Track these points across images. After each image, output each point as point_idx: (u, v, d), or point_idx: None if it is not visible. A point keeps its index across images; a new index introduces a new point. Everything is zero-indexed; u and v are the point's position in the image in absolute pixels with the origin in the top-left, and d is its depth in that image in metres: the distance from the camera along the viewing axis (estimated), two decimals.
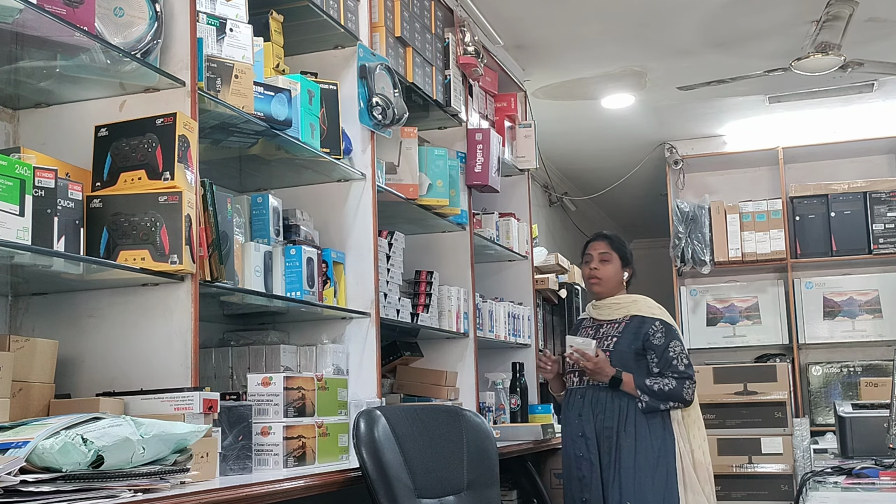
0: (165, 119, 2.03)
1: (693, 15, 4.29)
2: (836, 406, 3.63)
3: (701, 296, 6.42)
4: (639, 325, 3.28)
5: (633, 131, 6.12)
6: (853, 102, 5.68)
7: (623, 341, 3.27)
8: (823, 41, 4.25)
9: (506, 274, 4.54)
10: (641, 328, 3.27)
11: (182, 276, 2.05)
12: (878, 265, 6.12)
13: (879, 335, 6.02)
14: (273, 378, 2.30)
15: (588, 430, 3.23)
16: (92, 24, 1.90)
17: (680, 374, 3.22)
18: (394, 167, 3.27)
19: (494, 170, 3.89)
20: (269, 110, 2.42)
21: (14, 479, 1.43)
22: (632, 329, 3.28)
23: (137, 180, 2.02)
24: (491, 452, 2.70)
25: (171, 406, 1.92)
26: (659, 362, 3.24)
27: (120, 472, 1.58)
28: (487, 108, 4.19)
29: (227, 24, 2.30)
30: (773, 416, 5.27)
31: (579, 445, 3.24)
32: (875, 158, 6.39)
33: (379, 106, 2.94)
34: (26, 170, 1.73)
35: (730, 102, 5.68)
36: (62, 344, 2.03)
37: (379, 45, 3.11)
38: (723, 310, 6.38)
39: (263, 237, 2.50)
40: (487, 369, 4.19)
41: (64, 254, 1.85)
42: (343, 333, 2.88)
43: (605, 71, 5.00)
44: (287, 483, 2.06)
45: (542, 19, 4.25)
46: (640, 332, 3.27)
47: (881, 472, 2.83)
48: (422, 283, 3.42)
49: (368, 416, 2.41)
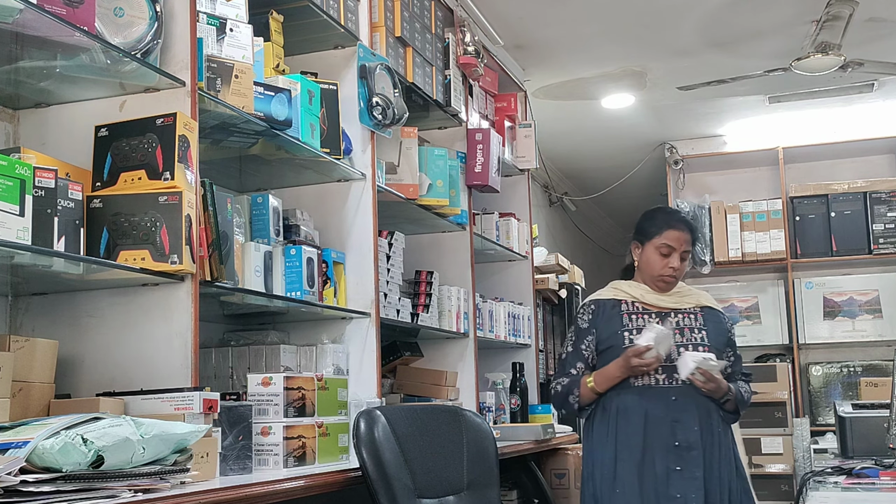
0: (165, 119, 2.03)
1: (693, 15, 4.29)
2: (836, 406, 3.63)
3: None
4: (716, 319, 2.93)
5: (633, 131, 6.12)
6: (853, 102, 5.68)
7: (711, 336, 2.87)
8: (823, 41, 4.25)
9: (506, 274, 4.54)
10: (720, 322, 2.94)
11: (182, 276, 2.04)
12: (878, 265, 6.12)
13: (879, 335, 6.02)
14: (273, 378, 2.30)
15: (690, 439, 2.73)
16: (92, 24, 1.90)
17: (747, 377, 2.95)
18: (394, 167, 3.27)
19: (494, 170, 3.89)
20: (269, 110, 2.42)
21: (14, 479, 1.43)
22: (711, 322, 2.91)
23: (137, 180, 2.02)
24: (491, 452, 2.70)
25: (171, 406, 1.92)
26: (734, 362, 2.94)
27: (120, 472, 1.58)
28: (487, 108, 4.19)
29: (227, 24, 2.30)
30: (773, 416, 5.27)
31: (673, 458, 2.72)
32: (875, 158, 6.39)
33: (379, 106, 2.94)
34: (26, 170, 1.73)
35: (730, 102, 5.68)
36: (62, 344, 2.03)
37: (379, 45, 3.11)
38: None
39: (263, 237, 2.50)
40: (487, 369, 4.19)
41: (64, 254, 1.85)
42: (343, 333, 2.88)
43: (605, 71, 5.00)
44: (287, 483, 2.06)
45: (542, 19, 4.25)
46: (720, 327, 2.92)
47: (881, 472, 2.84)
48: (422, 283, 3.42)
49: (368, 416, 2.41)
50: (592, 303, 2.96)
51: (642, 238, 2.94)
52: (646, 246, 2.92)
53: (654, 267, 2.89)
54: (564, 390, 2.92)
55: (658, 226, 2.91)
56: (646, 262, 2.92)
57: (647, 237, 2.92)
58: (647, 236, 2.92)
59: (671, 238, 2.88)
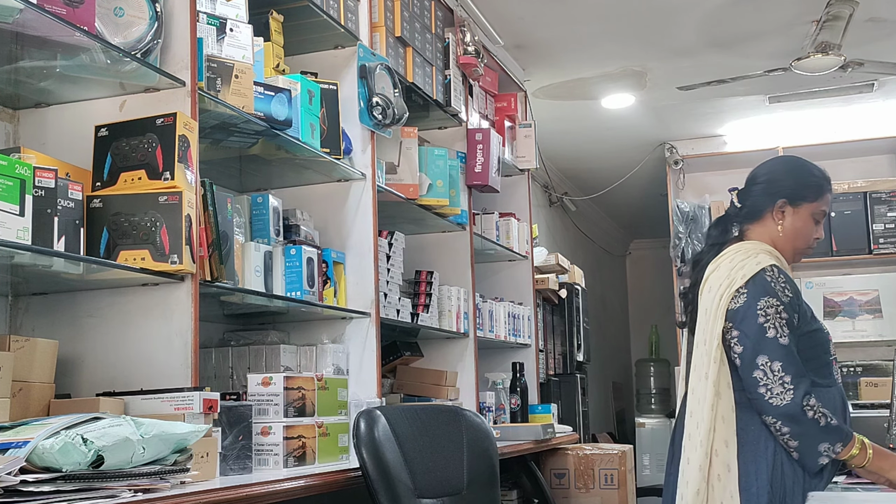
0: (165, 119, 2.03)
1: (693, 15, 4.29)
2: None
3: None
4: None
5: (633, 131, 6.11)
6: (853, 102, 5.68)
7: None
8: (823, 41, 4.25)
9: (506, 274, 4.54)
10: None
11: (182, 276, 2.05)
12: (879, 265, 6.11)
13: (879, 335, 6.01)
14: (273, 378, 2.30)
15: None
16: (92, 24, 1.90)
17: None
18: (394, 167, 3.27)
19: (494, 170, 3.89)
20: (269, 110, 2.42)
21: (14, 479, 1.43)
22: None
23: (137, 180, 2.02)
24: (491, 452, 2.70)
25: (171, 406, 1.92)
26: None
27: (120, 472, 1.58)
28: (487, 108, 4.19)
29: (227, 24, 2.30)
30: None
31: None
32: (875, 158, 6.38)
33: (379, 106, 2.94)
34: (26, 170, 1.73)
35: (730, 102, 5.68)
36: (62, 344, 2.02)
37: (379, 45, 3.11)
38: None
39: (263, 237, 2.50)
40: (487, 369, 4.19)
41: (64, 254, 1.85)
42: (343, 333, 2.88)
43: (605, 71, 5.00)
44: (287, 483, 2.06)
45: (542, 19, 4.25)
46: None
47: None
48: (422, 283, 3.42)
49: (368, 416, 2.41)
50: (781, 272, 2.24)
51: (799, 199, 2.34)
52: (800, 209, 2.33)
53: (808, 236, 2.34)
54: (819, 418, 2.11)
55: (819, 186, 2.37)
56: (798, 230, 2.33)
57: (804, 199, 2.34)
58: (804, 198, 2.34)
59: (828, 203, 2.37)
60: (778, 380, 2.09)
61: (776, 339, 2.11)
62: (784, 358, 2.10)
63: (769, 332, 2.12)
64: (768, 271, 2.19)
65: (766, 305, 2.14)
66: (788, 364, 2.10)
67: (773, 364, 2.10)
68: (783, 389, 2.09)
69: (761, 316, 2.13)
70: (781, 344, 2.11)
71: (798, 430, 2.09)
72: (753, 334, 2.13)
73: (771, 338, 2.11)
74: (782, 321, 2.14)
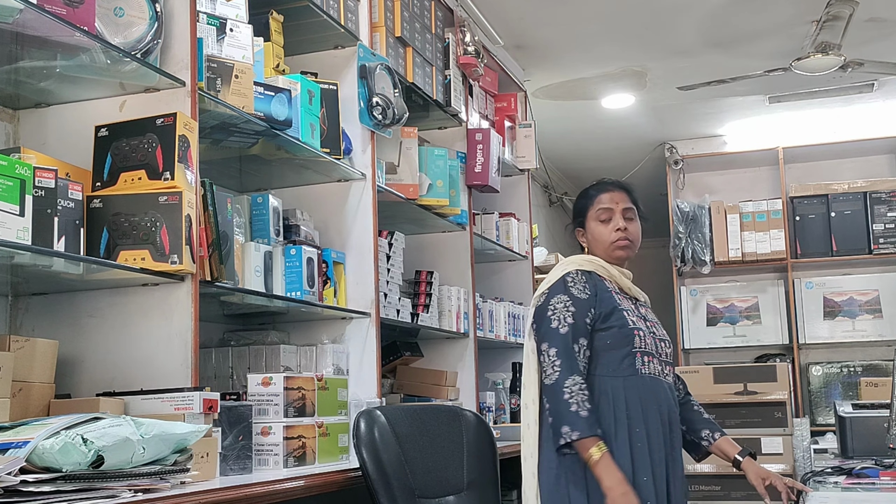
0: (165, 119, 2.03)
1: (693, 15, 4.29)
2: (836, 406, 3.63)
3: (701, 296, 6.42)
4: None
5: (633, 131, 6.12)
6: (853, 102, 5.68)
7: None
8: (823, 41, 4.25)
9: (506, 274, 4.54)
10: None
11: (182, 276, 2.05)
12: (878, 265, 6.12)
13: (879, 335, 6.02)
14: (273, 378, 2.30)
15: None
16: (92, 24, 1.90)
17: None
18: (394, 167, 3.27)
19: (494, 170, 3.89)
20: (269, 110, 2.42)
21: (14, 479, 1.43)
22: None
23: (137, 180, 2.02)
24: (491, 452, 2.70)
25: (171, 406, 1.92)
26: None
27: (120, 472, 1.58)
28: (487, 108, 4.19)
29: (227, 24, 2.30)
30: (773, 416, 5.26)
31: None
32: (875, 158, 6.39)
33: (379, 106, 2.94)
34: (26, 170, 1.73)
35: (730, 102, 5.68)
36: (62, 344, 2.03)
37: (379, 45, 3.11)
38: (723, 310, 6.38)
39: (263, 237, 2.50)
40: (487, 369, 4.19)
41: (64, 254, 1.85)
42: (343, 333, 2.88)
43: (605, 71, 5.00)
44: (287, 483, 2.06)
45: (542, 19, 4.25)
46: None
47: (881, 472, 2.83)
48: (422, 283, 3.42)
49: (368, 416, 2.41)
50: (583, 273, 2.53)
51: (581, 218, 2.67)
52: (587, 223, 2.64)
53: (603, 237, 2.60)
54: (572, 402, 2.33)
55: (588, 197, 2.68)
56: (594, 238, 2.62)
57: (583, 214, 2.66)
58: (583, 213, 2.67)
59: (605, 200, 2.61)
60: (551, 362, 2.38)
61: (557, 329, 2.42)
62: (559, 345, 2.41)
63: (553, 324, 2.43)
64: (569, 276, 2.52)
65: (556, 302, 2.46)
66: (561, 350, 2.40)
67: (550, 350, 2.40)
68: (552, 371, 2.37)
69: (550, 310, 2.45)
70: (560, 333, 2.42)
71: (553, 408, 2.35)
72: (543, 326, 2.46)
73: (553, 328, 2.42)
74: (567, 314, 2.44)
